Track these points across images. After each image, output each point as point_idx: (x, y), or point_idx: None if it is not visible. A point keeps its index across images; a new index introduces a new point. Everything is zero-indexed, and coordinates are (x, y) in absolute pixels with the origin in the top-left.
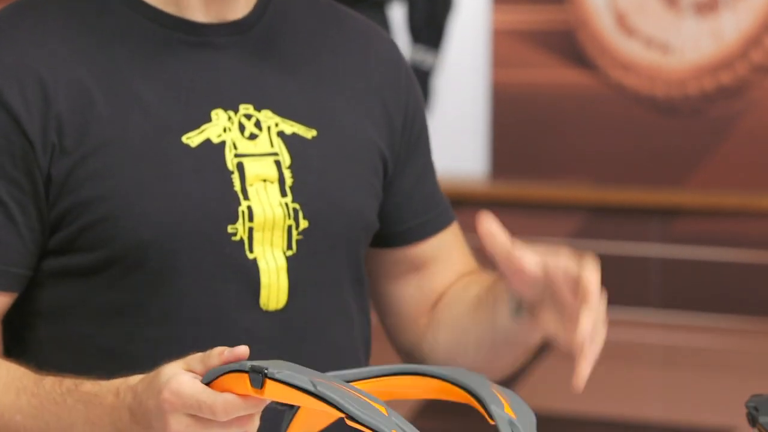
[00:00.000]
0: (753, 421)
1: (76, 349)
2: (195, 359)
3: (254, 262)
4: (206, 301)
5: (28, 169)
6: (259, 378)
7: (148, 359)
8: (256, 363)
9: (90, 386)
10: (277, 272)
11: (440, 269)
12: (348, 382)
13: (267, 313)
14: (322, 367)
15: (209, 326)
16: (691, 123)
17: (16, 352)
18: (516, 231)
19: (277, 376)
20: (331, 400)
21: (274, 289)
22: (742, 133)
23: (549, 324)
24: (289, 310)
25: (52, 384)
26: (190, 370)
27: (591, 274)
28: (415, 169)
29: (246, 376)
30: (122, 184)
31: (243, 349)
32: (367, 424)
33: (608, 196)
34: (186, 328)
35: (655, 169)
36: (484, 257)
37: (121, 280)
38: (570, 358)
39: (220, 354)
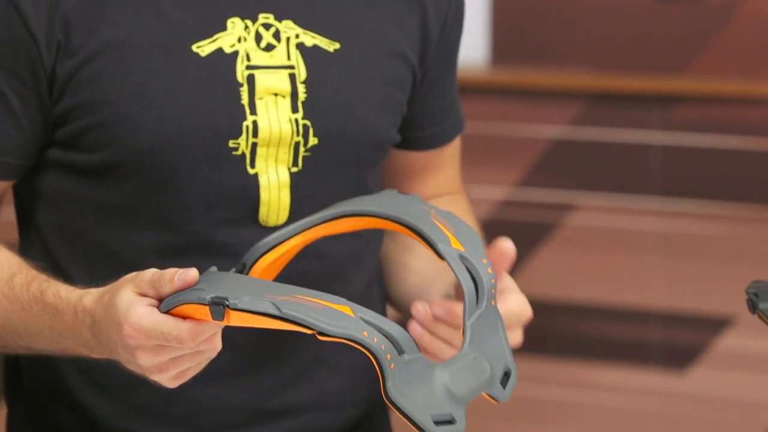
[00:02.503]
0: (753, 307)
1: (72, 239)
2: (145, 282)
3: (255, 178)
4: (202, 213)
5: (30, 64)
6: (220, 310)
7: (140, 263)
8: (215, 294)
9: (52, 298)
10: (279, 189)
11: (426, 181)
12: (294, 235)
13: (266, 229)
14: (318, 283)
15: (204, 238)
16: (693, 9)
17: (23, 231)
18: (516, 118)
19: (240, 305)
20: (298, 320)
21: (274, 205)
22: (744, 19)
23: None
24: None
25: (20, 286)
26: (142, 294)
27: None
28: (445, 80)
29: (207, 308)
30: (124, 90)
31: (192, 273)
32: (337, 335)
33: (608, 83)
34: (180, 238)
35: (656, 56)
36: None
37: (119, 184)
38: (568, 247)
39: (170, 281)
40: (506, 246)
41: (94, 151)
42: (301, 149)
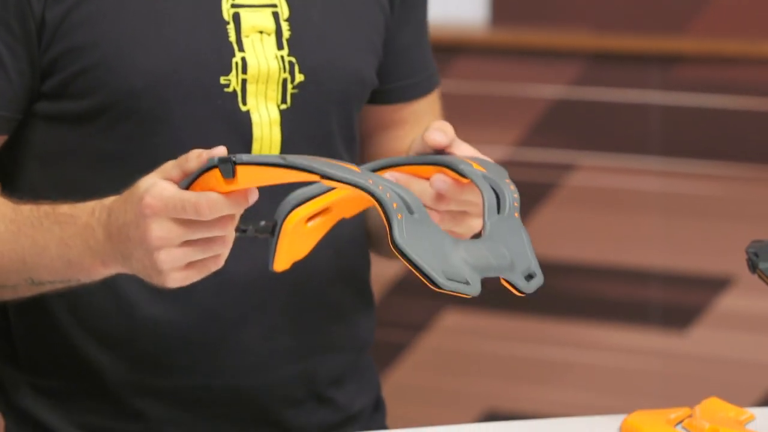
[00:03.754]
0: (753, 267)
1: (68, 193)
2: (171, 165)
3: (247, 114)
4: None
5: (20, 13)
6: (229, 167)
7: None
8: (222, 156)
9: (66, 208)
10: (270, 125)
11: (405, 135)
12: (322, 193)
13: None
14: None
15: None
16: None
17: (10, 191)
18: (515, 78)
19: (245, 159)
20: (302, 167)
21: (266, 141)
22: None
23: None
24: None
25: (29, 208)
26: (168, 178)
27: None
28: (414, 26)
29: (217, 170)
30: (114, 31)
31: (221, 149)
32: (341, 179)
33: (608, 43)
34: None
35: (656, 16)
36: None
37: (114, 127)
38: (568, 207)
39: (198, 156)
40: (431, 136)
41: (86, 97)
42: (289, 86)
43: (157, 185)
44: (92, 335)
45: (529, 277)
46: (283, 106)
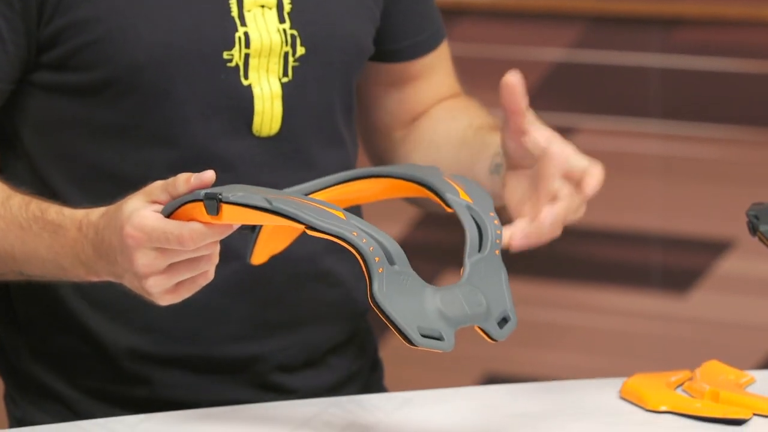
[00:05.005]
0: (753, 229)
1: (65, 164)
2: (157, 188)
3: (248, 89)
4: (199, 125)
5: None
6: (214, 204)
7: (139, 180)
8: (209, 190)
9: (54, 215)
10: (272, 99)
11: (423, 88)
12: (306, 195)
13: (259, 139)
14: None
15: (201, 150)
16: None
17: (6, 158)
18: (516, 41)
19: (232, 199)
20: (287, 213)
21: (267, 115)
22: None
23: (514, 193)
24: (282, 137)
25: (18, 207)
26: (155, 201)
27: (598, 173)
28: None
29: (202, 204)
30: (118, 6)
31: (209, 175)
32: (326, 230)
33: (609, 6)
34: (178, 151)
35: None
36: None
37: (115, 101)
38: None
39: (186, 181)
40: (508, 80)
41: (88, 70)
42: (290, 59)
43: (138, 213)
44: (91, 303)
45: (503, 321)
46: (285, 80)
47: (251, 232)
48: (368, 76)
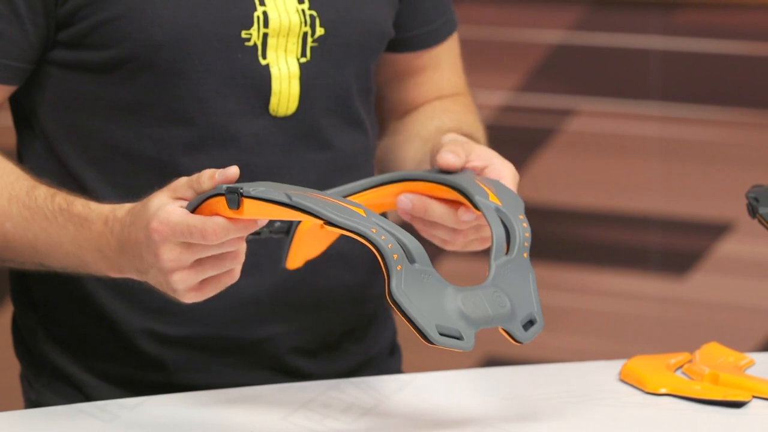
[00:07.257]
0: (753, 211)
1: (82, 142)
2: (182, 185)
3: (266, 68)
4: (216, 104)
5: None
6: (235, 198)
7: (154, 158)
8: (231, 185)
9: (80, 208)
10: (289, 79)
11: (426, 81)
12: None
13: (276, 119)
14: (330, 173)
15: (217, 129)
16: None
17: (24, 137)
18: (516, 23)
19: (252, 193)
20: (306, 209)
21: (284, 95)
22: None
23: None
24: (299, 117)
25: (44, 198)
26: (180, 197)
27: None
28: None
29: (223, 198)
30: None
31: (233, 170)
32: (344, 226)
33: None
34: (195, 130)
35: None
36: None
37: (133, 79)
38: (568, 152)
39: (210, 177)
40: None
41: (105, 48)
42: (309, 40)
43: (165, 209)
44: (107, 284)
45: (530, 323)
46: (303, 60)
47: (286, 236)
48: (378, 70)
